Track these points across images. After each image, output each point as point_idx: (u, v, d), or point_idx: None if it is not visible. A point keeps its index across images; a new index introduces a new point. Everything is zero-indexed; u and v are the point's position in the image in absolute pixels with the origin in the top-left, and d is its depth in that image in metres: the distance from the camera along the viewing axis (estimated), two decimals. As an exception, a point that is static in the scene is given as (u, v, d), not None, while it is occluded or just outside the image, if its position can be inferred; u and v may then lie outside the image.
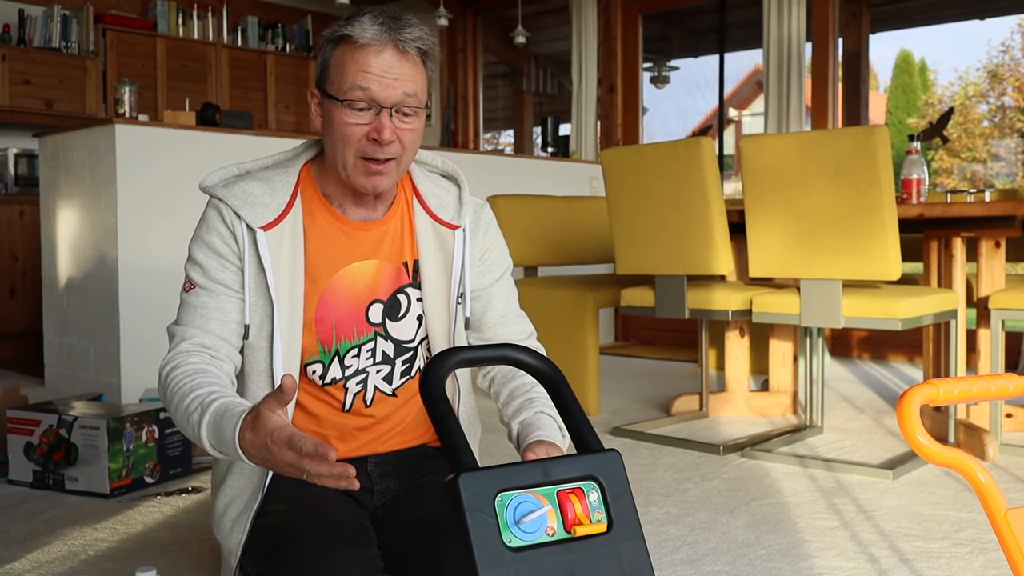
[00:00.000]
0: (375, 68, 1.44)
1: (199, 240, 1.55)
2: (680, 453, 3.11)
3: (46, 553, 2.16)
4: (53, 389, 4.37)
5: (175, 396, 1.41)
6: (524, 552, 0.94)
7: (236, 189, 1.53)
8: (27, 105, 5.91)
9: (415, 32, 1.46)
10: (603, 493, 1.02)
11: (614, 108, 6.55)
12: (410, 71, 1.46)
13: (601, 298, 3.86)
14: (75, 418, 2.64)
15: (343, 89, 1.45)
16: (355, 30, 1.44)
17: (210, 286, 1.52)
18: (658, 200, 3.28)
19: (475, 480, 0.95)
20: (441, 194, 1.65)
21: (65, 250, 4.34)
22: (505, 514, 0.95)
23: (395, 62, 1.44)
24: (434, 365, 1.04)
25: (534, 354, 1.12)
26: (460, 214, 1.64)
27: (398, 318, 1.60)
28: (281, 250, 1.51)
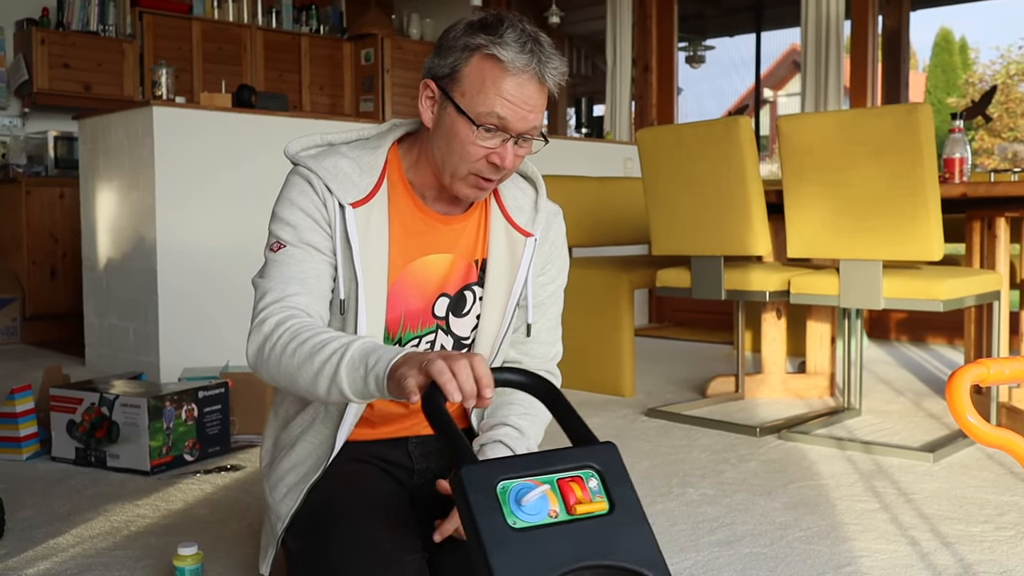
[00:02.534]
0: (516, 98, 1.40)
1: (288, 201, 1.49)
2: (716, 435, 3.09)
3: (89, 528, 2.19)
4: (94, 368, 4.44)
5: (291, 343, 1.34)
6: (529, 532, 0.97)
7: (326, 163, 1.50)
8: (66, 88, 5.96)
9: (557, 65, 1.43)
10: (603, 480, 1.04)
11: (649, 88, 6.50)
12: (543, 103, 1.44)
13: (636, 279, 3.84)
14: (116, 396, 2.67)
15: (478, 111, 1.41)
16: (504, 52, 1.39)
17: (302, 246, 1.47)
18: (695, 180, 3.25)
19: (478, 472, 0.99)
20: (519, 196, 1.62)
21: (104, 232, 4.39)
22: (508, 499, 0.99)
23: (535, 93, 1.42)
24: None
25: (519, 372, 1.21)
26: (535, 220, 1.61)
27: (461, 314, 1.59)
28: (368, 229, 1.48)
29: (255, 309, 1.44)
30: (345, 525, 1.42)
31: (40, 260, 5.65)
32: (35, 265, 5.63)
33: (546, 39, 1.44)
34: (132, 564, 1.96)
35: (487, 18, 1.44)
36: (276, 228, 1.49)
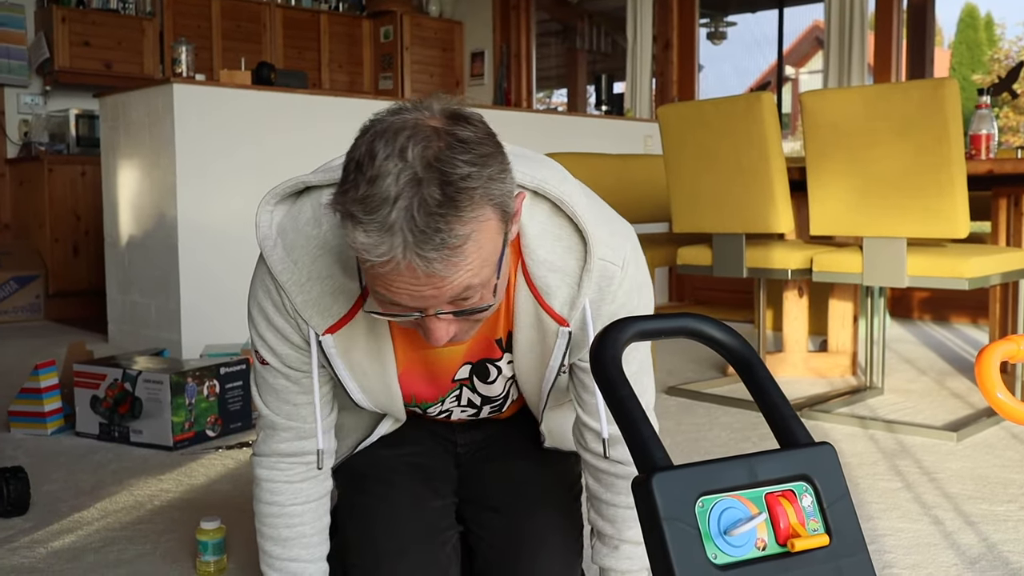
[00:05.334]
0: (395, 286, 1.05)
1: (260, 311, 1.31)
2: (737, 413, 3.08)
3: (114, 502, 2.21)
4: (116, 345, 4.47)
5: (263, 526, 1.44)
6: (733, 570, 0.80)
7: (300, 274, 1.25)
8: (86, 66, 5.98)
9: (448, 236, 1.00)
10: (817, 497, 0.87)
11: (669, 65, 6.44)
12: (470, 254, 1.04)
13: (657, 257, 3.82)
14: (139, 372, 2.69)
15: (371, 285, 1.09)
16: (355, 235, 1.01)
17: (287, 372, 1.34)
18: (717, 157, 3.22)
19: (672, 481, 0.80)
20: (559, 264, 1.25)
21: (126, 209, 4.41)
22: (708, 523, 0.80)
23: (421, 277, 1.03)
24: (607, 339, 0.89)
25: (720, 326, 0.97)
26: (574, 305, 1.27)
27: (487, 381, 1.44)
28: (354, 348, 1.30)
29: (257, 421, 1.44)
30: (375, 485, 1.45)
31: (62, 237, 5.69)
32: (57, 243, 5.67)
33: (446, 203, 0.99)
34: (156, 538, 1.98)
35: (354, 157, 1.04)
36: (255, 340, 1.34)
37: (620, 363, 0.89)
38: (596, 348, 0.90)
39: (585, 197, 1.29)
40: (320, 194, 1.24)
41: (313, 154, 4.38)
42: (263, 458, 1.42)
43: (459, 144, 1.02)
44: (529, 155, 1.28)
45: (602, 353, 0.89)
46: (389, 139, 1.01)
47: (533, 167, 1.24)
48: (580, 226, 1.23)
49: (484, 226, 1.04)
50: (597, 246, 1.25)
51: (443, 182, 0.99)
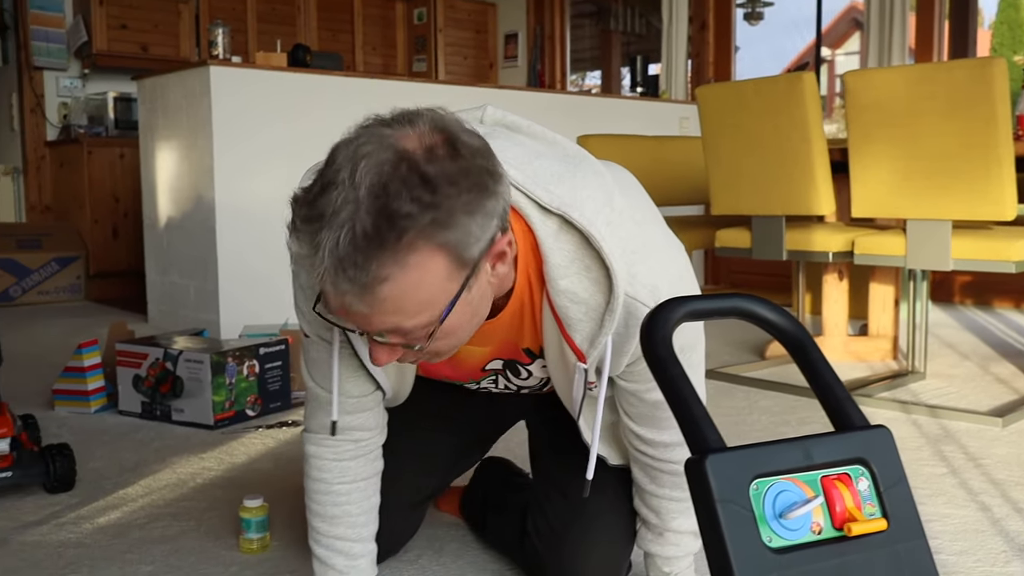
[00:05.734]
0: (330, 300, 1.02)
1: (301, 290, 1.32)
2: (776, 396, 3.06)
3: (157, 480, 2.24)
4: (156, 325, 4.52)
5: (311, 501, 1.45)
6: (788, 554, 0.79)
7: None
8: (124, 49, 6.03)
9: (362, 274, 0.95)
10: (874, 480, 0.86)
11: (705, 46, 6.37)
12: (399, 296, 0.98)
13: (694, 240, 3.79)
14: (180, 352, 2.71)
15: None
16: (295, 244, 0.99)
17: (323, 341, 1.34)
18: (756, 138, 3.18)
19: (726, 463, 0.79)
20: (583, 296, 1.18)
21: (164, 191, 4.45)
22: (763, 506, 0.80)
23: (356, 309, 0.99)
24: (658, 319, 0.88)
25: (773, 307, 0.95)
26: (594, 343, 1.19)
27: (519, 378, 1.44)
28: None
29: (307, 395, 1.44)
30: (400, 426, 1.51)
31: (102, 219, 5.75)
32: (97, 224, 5.74)
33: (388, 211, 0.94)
34: (199, 515, 2.00)
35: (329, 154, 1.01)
36: (299, 315, 1.34)
37: (671, 343, 0.88)
38: (647, 328, 0.89)
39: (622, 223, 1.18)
40: None
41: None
42: (312, 434, 1.44)
43: (415, 178, 0.94)
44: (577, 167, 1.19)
45: (653, 333, 0.88)
46: (351, 153, 0.96)
47: (572, 188, 1.15)
48: (606, 262, 1.14)
49: (416, 272, 0.96)
50: (625, 283, 1.16)
51: (379, 214, 0.93)
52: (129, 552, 1.79)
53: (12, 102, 6.18)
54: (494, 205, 1.01)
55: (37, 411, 2.82)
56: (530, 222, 1.14)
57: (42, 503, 2.07)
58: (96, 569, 1.71)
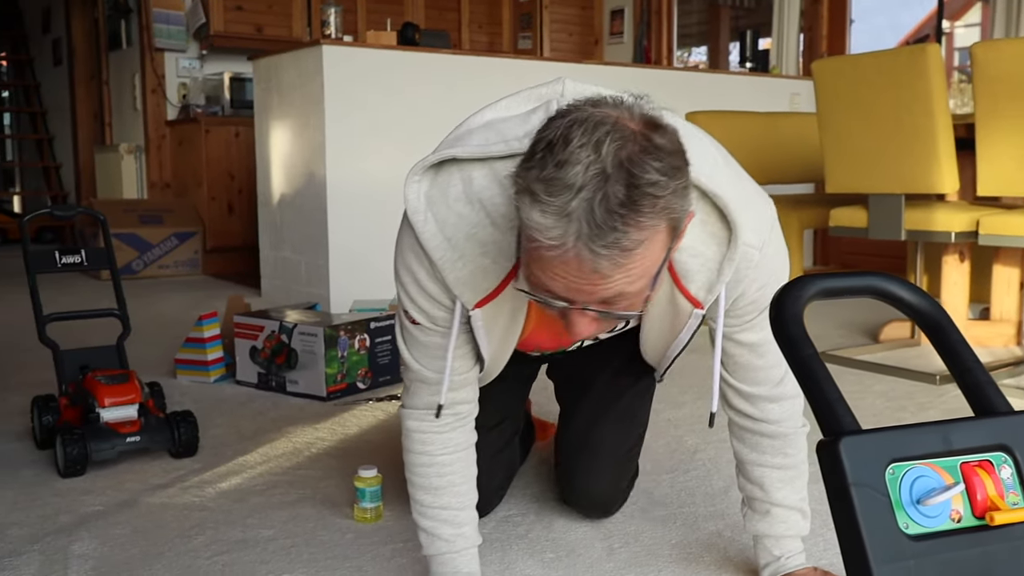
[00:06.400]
0: (564, 276, 1.06)
1: (413, 278, 1.33)
2: (892, 381, 2.96)
3: (274, 448, 2.31)
4: (269, 299, 4.66)
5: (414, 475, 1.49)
6: (926, 541, 0.76)
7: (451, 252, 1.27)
8: (239, 30, 6.20)
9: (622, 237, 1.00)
10: (1018, 468, 0.81)
11: (819, 19, 6.18)
12: (636, 263, 1.04)
13: (806, 218, 3.70)
14: (295, 325, 2.79)
15: (529, 274, 1.12)
16: (533, 215, 1.01)
17: (438, 327, 1.37)
18: (875, 113, 3.08)
19: (860, 446, 0.77)
20: (700, 249, 1.26)
21: (278, 168, 4.57)
22: (899, 491, 0.77)
23: (589, 272, 1.03)
24: (787, 298, 0.87)
25: (909, 286, 0.92)
26: (711, 290, 1.29)
27: (612, 332, 1.53)
28: (497, 319, 1.35)
29: (403, 373, 1.49)
30: None
31: (218, 196, 5.95)
32: (214, 201, 5.94)
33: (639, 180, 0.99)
34: (315, 483, 2.06)
35: (547, 137, 1.03)
36: (404, 298, 1.37)
37: (802, 321, 0.86)
38: (777, 306, 0.87)
39: (729, 177, 1.28)
40: (467, 169, 1.26)
41: (455, 113, 4.42)
42: (413, 410, 1.48)
43: (654, 150, 1.01)
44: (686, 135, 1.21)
45: (783, 311, 0.86)
46: (588, 129, 1.01)
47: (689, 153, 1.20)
48: (728, 216, 1.24)
49: (655, 237, 1.04)
50: (742, 234, 1.25)
51: (630, 184, 0.99)
52: (250, 517, 1.86)
53: (135, 83, 6.43)
54: (690, 183, 1.08)
55: (160, 379, 2.95)
56: None
57: (167, 467, 2.17)
58: (220, 532, 1.79)
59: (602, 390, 1.77)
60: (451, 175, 1.27)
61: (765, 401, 1.46)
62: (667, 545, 1.71)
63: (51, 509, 1.90)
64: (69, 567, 1.63)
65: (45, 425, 2.26)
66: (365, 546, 1.72)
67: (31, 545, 1.73)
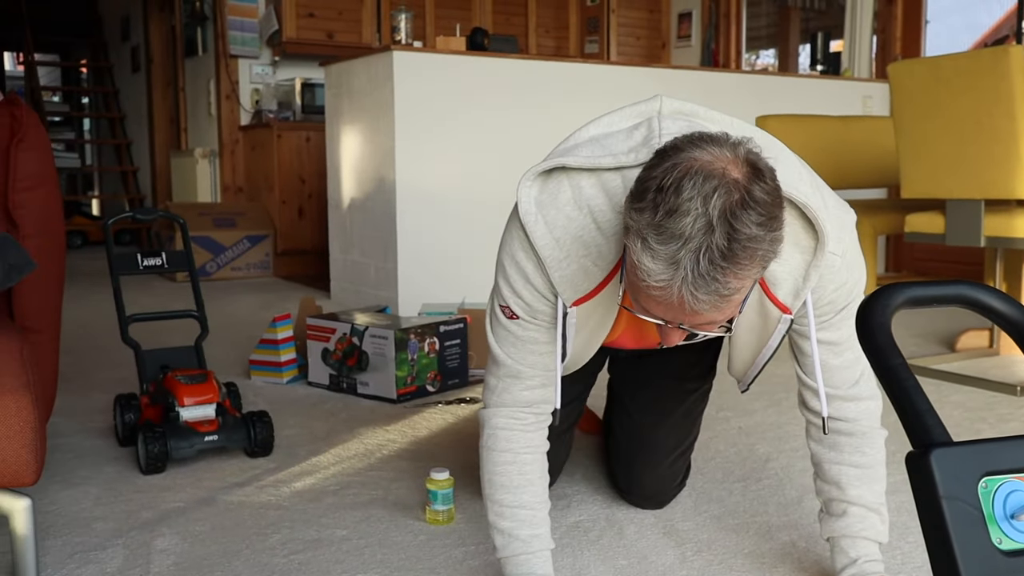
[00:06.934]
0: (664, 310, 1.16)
1: (520, 273, 1.40)
2: (969, 391, 2.89)
3: (346, 449, 2.35)
4: (338, 301, 4.73)
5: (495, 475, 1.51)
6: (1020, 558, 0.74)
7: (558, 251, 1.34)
8: (311, 37, 6.31)
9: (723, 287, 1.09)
10: None
11: (893, 20, 6.06)
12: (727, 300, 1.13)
13: (880, 224, 3.63)
14: (366, 327, 2.83)
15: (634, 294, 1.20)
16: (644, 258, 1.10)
17: (537, 321, 1.44)
18: (954, 117, 3.01)
19: (952, 458, 0.75)
20: (785, 257, 1.31)
21: (348, 172, 4.64)
22: (992, 505, 0.75)
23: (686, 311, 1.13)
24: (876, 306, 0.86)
25: (1000, 295, 0.91)
26: (798, 295, 1.35)
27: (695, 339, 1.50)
28: (590, 318, 1.42)
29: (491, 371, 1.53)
30: None
31: (289, 200, 6.06)
32: (285, 205, 6.05)
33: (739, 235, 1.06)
34: (387, 484, 2.08)
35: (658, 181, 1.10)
36: (508, 296, 1.43)
37: (890, 330, 0.85)
38: (864, 315, 0.86)
39: (813, 187, 1.33)
40: (575, 177, 1.35)
41: (523, 118, 4.44)
42: (501, 408, 1.51)
43: (753, 204, 1.08)
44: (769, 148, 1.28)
45: (870, 320, 0.85)
46: (698, 182, 1.08)
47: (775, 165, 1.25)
48: (815, 222, 1.30)
49: (751, 281, 1.14)
50: (828, 242, 1.31)
51: (731, 237, 1.07)
52: (324, 517, 1.89)
53: (210, 89, 6.59)
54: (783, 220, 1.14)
55: (234, 380, 3.01)
56: None
57: (243, 466, 2.21)
58: (295, 531, 1.82)
59: (664, 390, 1.86)
60: (560, 182, 1.35)
61: (841, 400, 1.48)
62: (740, 554, 1.70)
63: (134, 505, 1.96)
64: (151, 561, 1.68)
65: (127, 423, 2.33)
66: (437, 548, 1.74)
67: (115, 539, 1.78)
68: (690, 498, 1.97)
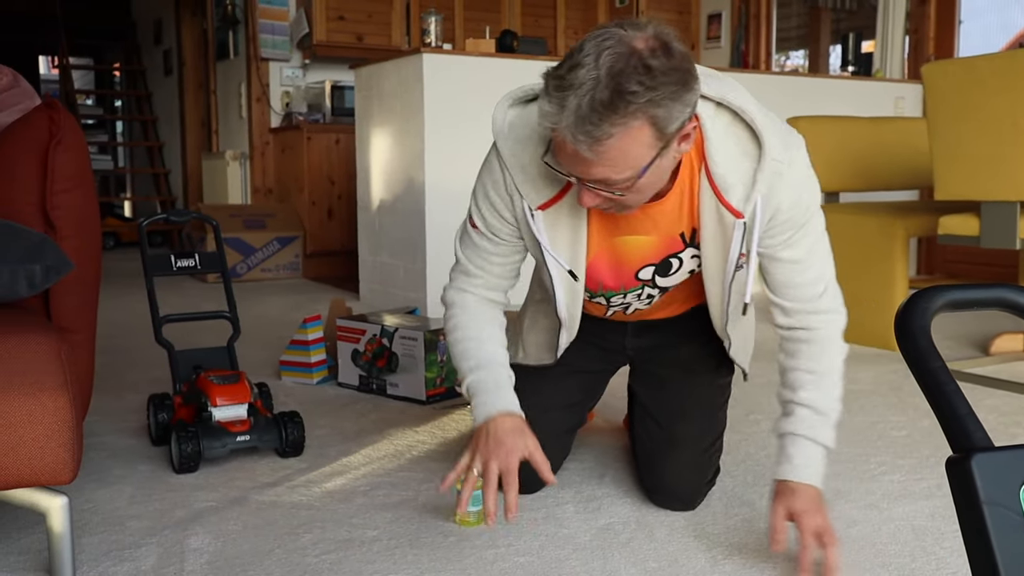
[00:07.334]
0: (563, 150, 1.38)
1: (482, 186, 1.66)
2: (1004, 395, 2.86)
3: (376, 450, 2.36)
4: (367, 303, 4.76)
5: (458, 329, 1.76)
6: None
7: (521, 160, 1.58)
8: (341, 40, 6.34)
9: (600, 130, 1.30)
10: None
11: (926, 20, 5.99)
12: (614, 153, 1.33)
13: (912, 226, 3.59)
14: (396, 329, 2.84)
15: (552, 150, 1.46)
16: (542, 101, 1.34)
17: (491, 236, 1.69)
18: (989, 118, 2.97)
19: (993, 463, 0.74)
20: (735, 166, 1.51)
21: (377, 174, 4.66)
22: None
23: (580, 152, 1.34)
24: (915, 310, 0.85)
25: None
26: (748, 199, 1.52)
27: (668, 275, 1.72)
28: (559, 224, 1.61)
29: (452, 268, 1.81)
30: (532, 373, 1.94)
31: (319, 201, 6.10)
32: (314, 206, 6.09)
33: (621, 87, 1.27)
34: (416, 485, 2.09)
35: (576, 45, 1.34)
36: (472, 207, 1.70)
37: (929, 333, 0.84)
38: (903, 318, 0.85)
39: (759, 108, 1.53)
40: None
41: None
42: (454, 287, 1.79)
43: (642, 68, 1.28)
44: (722, 78, 1.54)
45: (910, 323, 0.84)
46: (597, 43, 1.30)
47: (722, 87, 1.52)
48: (757, 132, 1.49)
49: (631, 133, 1.31)
50: (770, 150, 1.49)
51: (614, 90, 1.27)
52: (355, 517, 1.90)
53: (241, 91, 6.64)
54: (689, 97, 1.34)
55: (265, 380, 3.04)
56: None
57: (275, 466, 2.23)
58: (326, 531, 1.83)
59: (678, 386, 1.94)
60: (534, 107, 1.52)
61: (805, 314, 1.63)
62: (771, 558, 1.69)
63: (167, 504, 1.98)
64: (185, 560, 1.70)
65: (160, 423, 2.36)
66: (468, 549, 1.74)
67: (150, 538, 1.80)
68: (720, 501, 1.96)
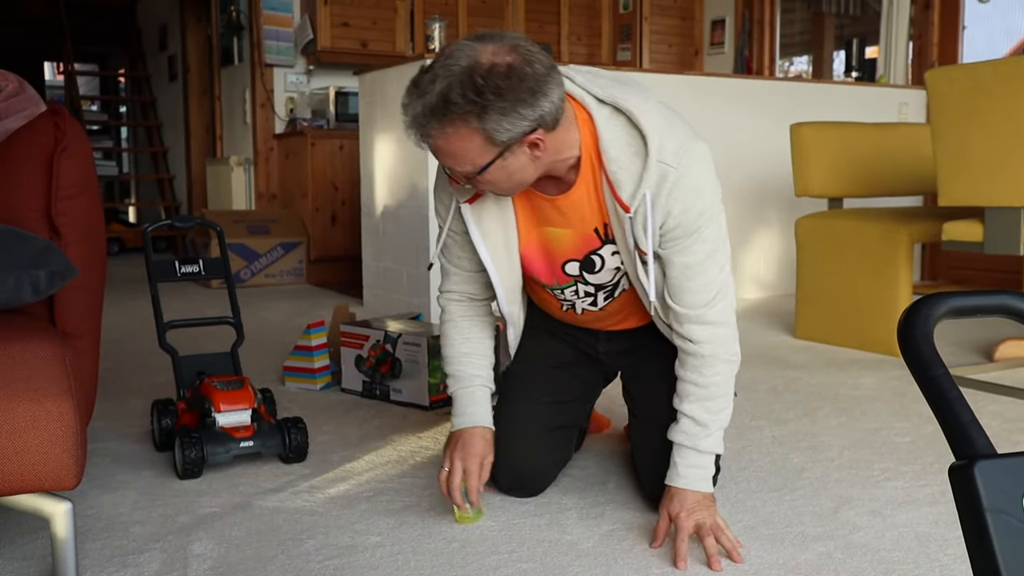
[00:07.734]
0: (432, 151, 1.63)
1: (436, 190, 1.87)
2: (1008, 402, 2.85)
3: (379, 456, 2.36)
4: (371, 308, 4.76)
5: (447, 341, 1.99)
6: None
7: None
8: (345, 46, 6.36)
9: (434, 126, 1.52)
10: None
11: (929, 27, 6.00)
12: (449, 149, 1.56)
13: (916, 232, 3.59)
14: (399, 334, 2.85)
15: None
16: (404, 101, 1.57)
17: (451, 233, 1.88)
18: (993, 123, 2.97)
19: (997, 470, 0.73)
20: (626, 164, 1.63)
21: (381, 180, 4.67)
22: None
23: (416, 146, 1.60)
24: (918, 316, 0.84)
25: None
26: (635, 194, 1.63)
27: (594, 272, 1.82)
28: (483, 217, 1.78)
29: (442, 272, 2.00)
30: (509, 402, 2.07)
31: (322, 207, 6.11)
32: (318, 212, 6.09)
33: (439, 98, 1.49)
34: (419, 491, 2.09)
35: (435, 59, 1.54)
36: (436, 204, 1.89)
37: (932, 340, 0.83)
38: (906, 325, 0.84)
39: (660, 115, 1.63)
40: None
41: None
42: (445, 292, 1.97)
43: (471, 82, 1.46)
44: (627, 82, 1.68)
45: (912, 330, 0.83)
46: (447, 56, 1.50)
47: (625, 91, 1.64)
48: (642, 133, 1.60)
49: (459, 136, 1.52)
50: (656, 151, 1.60)
51: (441, 98, 1.48)
52: (358, 523, 1.90)
53: (245, 97, 6.66)
54: (528, 112, 1.50)
55: (269, 386, 3.04)
56: (590, 110, 1.63)
57: (278, 472, 2.23)
58: (329, 536, 1.83)
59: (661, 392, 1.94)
60: None
61: (691, 323, 1.72)
62: (775, 565, 1.69)
63: (171, 509, 1.98)
64: (189, 566, 1.70)
65: (164, 428, 2.36)
66: (470, 556, 1.74)
67: (153, 543, 1.80)
68: (724, 508, 1.96)
